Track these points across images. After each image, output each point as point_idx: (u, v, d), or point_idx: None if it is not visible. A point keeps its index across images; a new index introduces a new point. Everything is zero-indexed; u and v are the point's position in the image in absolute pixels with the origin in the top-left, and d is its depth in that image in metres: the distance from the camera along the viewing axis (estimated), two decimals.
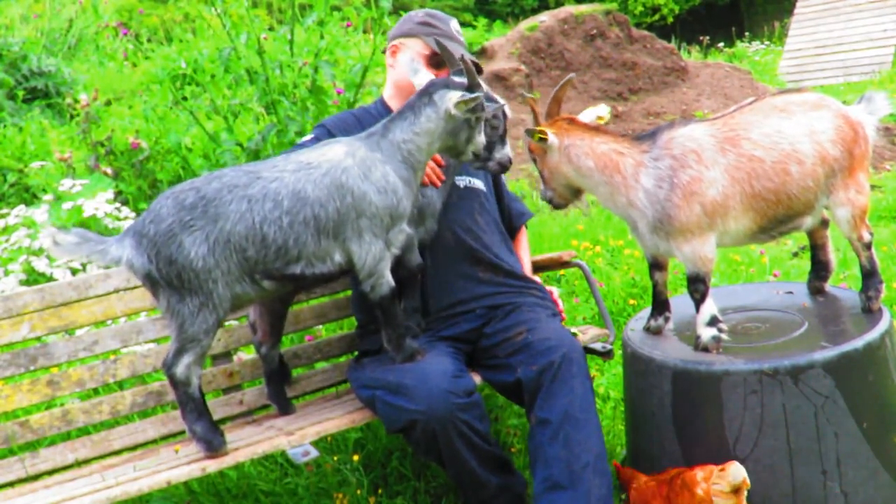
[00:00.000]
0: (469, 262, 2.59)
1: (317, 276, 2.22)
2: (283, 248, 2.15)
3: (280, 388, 2.55)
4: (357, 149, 2.23)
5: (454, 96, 2.21)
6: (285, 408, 2.54)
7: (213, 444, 2.20)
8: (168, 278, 2.11)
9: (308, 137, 2.60)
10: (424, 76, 2.38)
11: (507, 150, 2.40)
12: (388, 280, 2.28)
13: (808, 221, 2.37)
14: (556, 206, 2.47)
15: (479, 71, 2.70)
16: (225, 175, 2.18)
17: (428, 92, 2.26)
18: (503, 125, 2.40)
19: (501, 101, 2.41)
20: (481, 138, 2.32)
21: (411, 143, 2.24)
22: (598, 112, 2.42)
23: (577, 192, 2.45)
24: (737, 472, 2.09)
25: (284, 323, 2.53)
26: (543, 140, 2.34)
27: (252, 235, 2.12)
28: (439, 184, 2.49)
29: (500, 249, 2.67)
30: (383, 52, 2.76)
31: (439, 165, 2.49)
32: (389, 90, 2.72)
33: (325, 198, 2.16)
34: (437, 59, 2.57)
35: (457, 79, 2.26)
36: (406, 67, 2.55)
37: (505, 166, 2.40)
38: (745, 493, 2.10)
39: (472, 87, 2.24)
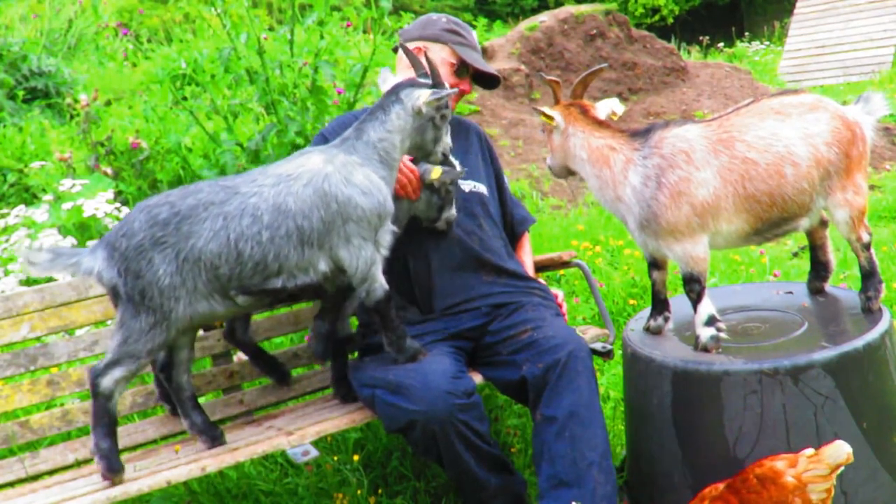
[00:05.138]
0: (473, 266, 2.59)
1: (299, 287, 2.20)
2: (262, 264, 2.13)
3: (272, 362, 2.60)
4: (334, 155, 2.22)
5: (423, 94, 2.25)
6: (285, 378, 2.60)
7: (113, 466, 2.14)
8: (131, 293, 2.09)
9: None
10: (392, 83, 2.41)
11: (452, 211, 2.52)
12: (382, 283, 2.27)
13: (805, 223, 2.38)
14: (556, 176, 2.58)
15: (497, 83, 2.75)
16: (202, 191, 2.15)
17: (395, 91, 2.30)
18: (454, 189, 2.50)
19: (457, 163, 2.51)
20: (448, 139, 2.36)
21: (386, 142, 2.26)
22: (612, 106, 2.45)
23: (571, 172, 2.52)
24: (838, 451, 2.01)
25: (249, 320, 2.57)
26: (549, 122, 2.44)
27: (226, 253, 2.10)
28: (415, 196, 2.48)
29: (504, 254, 2.68)
30: (394, 50, 2.76)
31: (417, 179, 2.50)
32: None
33: (308, 208, 2.15)
34: (462, 68, 2.66)
35: (421, 80, 2.31)
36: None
37: (451, 224, 2.53)
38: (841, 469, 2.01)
39: (435, 86, 2.28)
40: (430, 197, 2.47)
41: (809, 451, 2.06)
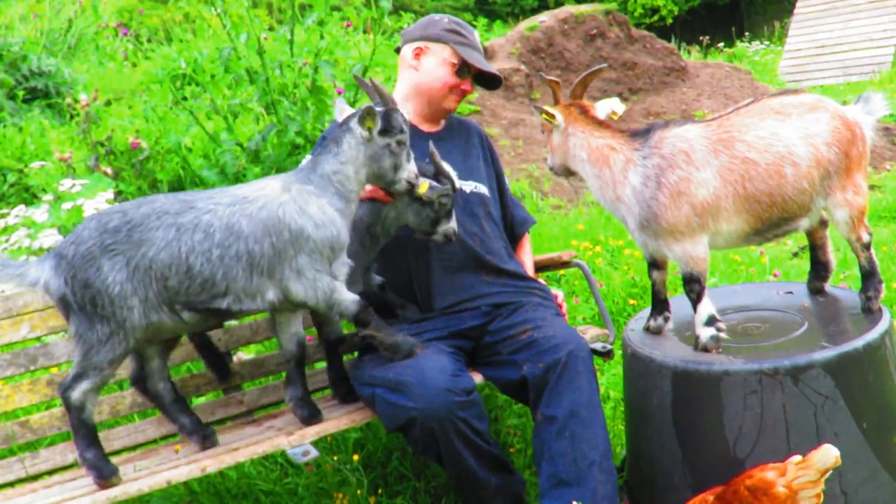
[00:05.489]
0: (474, 267, 2.60)
1: (244, 311, 2.19)
2: (210, 281, 2.11)
3: (217, 357, 2.56)
4: (291, 183, 2.21)
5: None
6: (225, 377, 2.57)
7: (104, 473, 2.14)
8: (82, 302, 2.06)
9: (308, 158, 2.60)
10: (348, 113, 2.39)
11: (451, 224, 2.43)
12: (351, 300, 2.25)
13: (805, 223, 2.38)
14: (557, 175, 2.57)
15: (499, 84, 2.74)
16: (157, 201, 2.14)
17: (346, 121, 2.27)
18: (451, 202, 2.42)
19: (454, 178, 2.44)
20: (411, 165, 2.30)
21: (341, 174, 2.22)
22: (612, 106, 2.45)
23: (571, 172, 2.51)
24: (826, 454, 2.01)
25: (172, 349, 2.47)
26: (550, 121, 2.43)
27: (176, 265, 2.08)
28: (388, 199, 2.43)
29: (504, 255, 2.69)
30: (396, 51, 2.77)
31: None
32: (406, 92, 2.71)
33: (260, 233, 2.13)
34: (463, 68, 2.64)
35: (376, 108, 2.26)
36: (426, 72, 2.59)
37: (450, 238, 2.45)
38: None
39: (388, 112, 2.23)
40: (422, 210, 2.40)
41: (797, 457, 2.06)
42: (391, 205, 2.44)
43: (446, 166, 2.44)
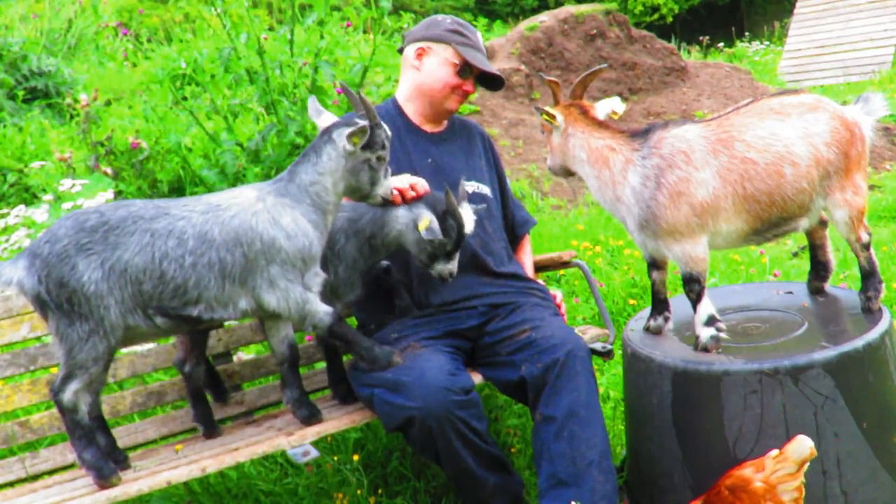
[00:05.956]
0: (473, 268, 2.60)
1: (216, 321, 2.19)
2: (182, 288, 2.11)
3: (206, 409, 2.48)
4: (266, 194, 2.21)
5: (346, 131, 2.20)
6: (211, 429, 2.48)
7: (104, 473, 2.13)
8: (58, 301, 2.05)
9: None
10: (327, 118, 2.38)
11: (449, 267, 2.37)
12: (325, 311, 2.24)
13: (804, 223, 2.38)
14: (556, 176, 2.58)
15: (501, 85, 2.73)
16: (134, 205, 2.14)
17: (328, 131, 2.25)
18: (452, 246, 2.36)
19: (464, 224, 2.35)
20: (388, 182, 2.29)
21: (318, 185, 2.22)
22: (612, 105, 2.45)
23: (571, 173, 2.51)
24: (801, 445, 2.02)
25: (207, 338, 2.47)
26: (550, 121, 2.43)
27: (150, 270, 2.08)
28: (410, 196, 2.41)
29: (504, 256, 2.69)
30: (399, 51, 2.77)
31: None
32: (408, 92, 2.71)
33: (231, 242, 2.13)
34: (465, 69, 2.63)
35: (360, 121, 2.24)
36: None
37: (445, 279, 2.41)
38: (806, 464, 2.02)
39: (373, 126, 2.21)
40: (422, 241, 2.34)
41: (774, 452, 2.07)
42: (394, 225, 2.39)
43: (463, 212, 2.37)
